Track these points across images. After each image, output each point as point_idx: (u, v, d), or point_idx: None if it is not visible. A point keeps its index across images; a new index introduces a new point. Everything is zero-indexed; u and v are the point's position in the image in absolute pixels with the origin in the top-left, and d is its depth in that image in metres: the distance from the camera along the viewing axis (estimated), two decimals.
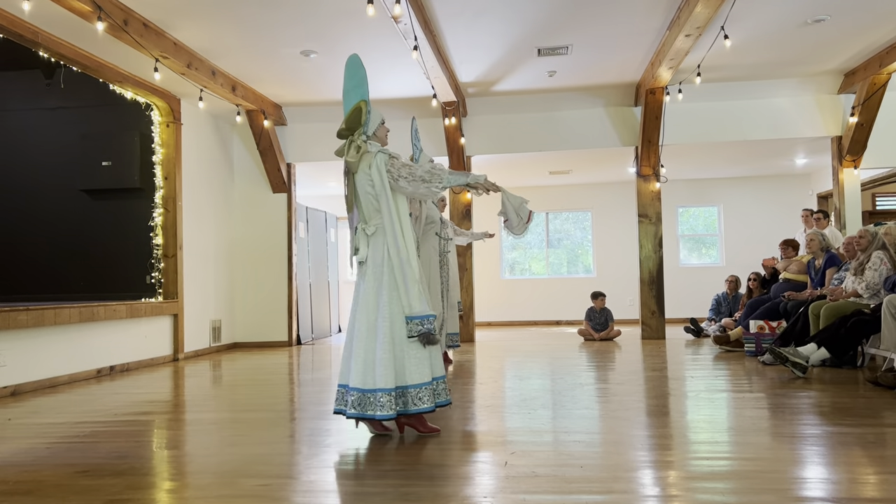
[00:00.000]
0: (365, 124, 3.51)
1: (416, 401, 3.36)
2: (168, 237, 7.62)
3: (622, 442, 3.31)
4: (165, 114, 7.67)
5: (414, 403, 3.36)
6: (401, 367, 3.37)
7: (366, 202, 3.47)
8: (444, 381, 3.52)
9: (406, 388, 3.37)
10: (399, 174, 3.42)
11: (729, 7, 5.66)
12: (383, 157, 3.44)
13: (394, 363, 3.36)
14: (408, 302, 3.37)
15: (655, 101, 8.08)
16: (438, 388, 3.49)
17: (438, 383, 3.49)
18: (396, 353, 3.37)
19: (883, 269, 5.64)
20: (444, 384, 3.52)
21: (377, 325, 3.39)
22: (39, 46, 5.80)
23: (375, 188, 3.41)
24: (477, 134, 8.99)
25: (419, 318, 3.37)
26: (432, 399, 3.41)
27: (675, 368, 5.98)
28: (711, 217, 12.69)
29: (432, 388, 3.42)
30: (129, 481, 2.84)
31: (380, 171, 3.41)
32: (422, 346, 3.37)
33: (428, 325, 3.37)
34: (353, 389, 3.38)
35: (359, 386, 3.36)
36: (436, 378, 3.48)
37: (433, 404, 3.42)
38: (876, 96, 7.90)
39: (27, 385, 5.52)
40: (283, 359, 7.59)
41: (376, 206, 3.44)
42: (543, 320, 12.52)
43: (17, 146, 7.88)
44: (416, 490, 2.63)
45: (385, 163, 3.42)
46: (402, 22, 5.56)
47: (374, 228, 3.46)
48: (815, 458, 2.98)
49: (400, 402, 3.37)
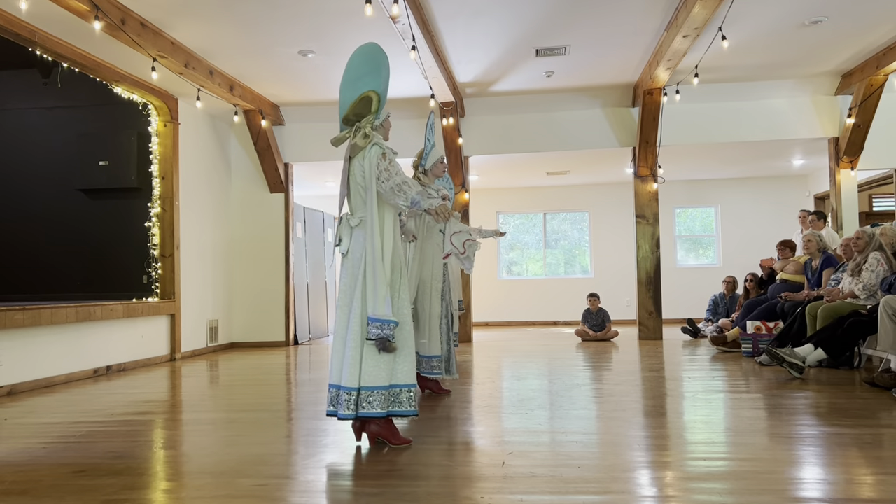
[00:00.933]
0: (377, 113, 3.43)
1: (364, 404, 3.21)
2: (165, 237, 7.60)
3: (619, 442, 3.31)
4: (163, 113, 7.66)
5: (363, 406, 3.21)
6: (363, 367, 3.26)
7: (354, 192, 3.38)
8: (411, 391, 3.30)
9: (360, 389, 3.23)
10: (380, 174, 3.31)
11: (727, 8, 5.67)
12: (378, 150, 3.37)
13: (360, 363, 3.25)
14: (373, 302, 3.22)
15: (653, 101, 8.09)
16: (399, 396, 3.29)
17: (401, 391, 3.29)
18: (364, 353, 3.26)
19: (880, 270, 5.65)
20: (411, 393, 3.30)
21: (349, 322, 3.31)
22: (36, 45, 5.79)
23: (366, 180, 3.33)
24: (475, 134, 8.99)
25: (380, 321, 3.20)
26: (385, 406, 3.24)
27: (672, 369, 5.98)
28: (708, 218, 12.71)
29: (386, 394, 3.25)
30: (126, 481, 2.84)
31: (371, 163, 3.33)
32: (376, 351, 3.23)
33: (387, 330, 3.19)
34: (331, 387, 3.37)
35: (334, 383, 3.33)
36: (396, 385, 3.29)
37: (385, 411, 3.24)
38: (873, 98, 7.92)
39: (23, 385, 5.50)
40: (280, 359, 7.58)
41: (364, 197, 3.35)
42: (541, 321, 12.52)
43: (15, 145, 7.87)
44: (413, 490, 2.63)
45: (376, 156, 3.36)
46: (400, 22, 5.56)
47: (358, 220, 3.35)
48: (811, 458, 2.98)
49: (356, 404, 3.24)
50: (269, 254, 9.15)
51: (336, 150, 9.18)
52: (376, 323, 3.20)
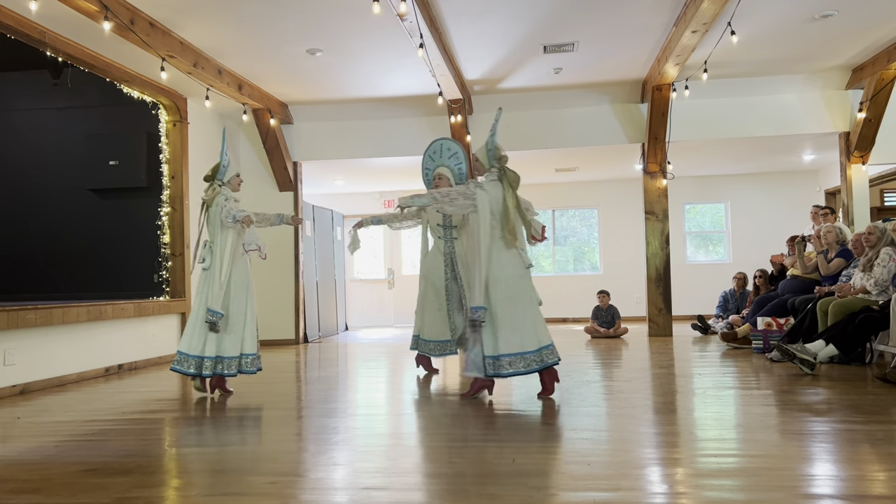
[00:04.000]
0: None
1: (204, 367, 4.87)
2: (175, 236, 7.63)
3: (629, 439, 3.30)
4: (172, 113, 7.69)
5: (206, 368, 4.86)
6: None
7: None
8: (246, 357, 4.95)
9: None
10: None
11: (736, 3, 5.63)
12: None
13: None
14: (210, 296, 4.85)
15: (662, 97, 8.06)
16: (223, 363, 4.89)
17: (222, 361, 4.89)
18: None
19: (892, 266, 5.61)
20: (252, 357, 4.96)
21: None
22: (46, 46, 5.82)
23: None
24: (483, 131, 8.94)
25: (210, 311, 4.83)
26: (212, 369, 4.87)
27: (683, 366, 5.96)
28: (718, 214, 12.65)
29: (214, 361, 4.86)
30: (137, 479, 2.85)
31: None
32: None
33: (212, 317, 4.80)
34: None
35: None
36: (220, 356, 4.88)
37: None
38: (884, 92, 7.85)
39: (36, 384, 5.55)
40: (290, 357, 7.61)
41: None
42: (550, 318, 12.45)
43: (25, 146, 7.92)
44: (421, 487, 2.63)
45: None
46: (407, 20, 5.55)
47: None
48: (823, 455, 2.97)
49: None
50: (279, 252, 9.17)
51: (345, 149, 9.21)
52: (209, 312, 4.85)
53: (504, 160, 4.59)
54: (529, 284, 4.50)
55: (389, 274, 12.79)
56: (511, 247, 4.42)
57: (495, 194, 4.44)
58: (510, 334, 4.33)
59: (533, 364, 4.33)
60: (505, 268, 4.39)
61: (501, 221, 4.42)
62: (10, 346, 5.32)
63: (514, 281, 4.40)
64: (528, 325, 4.37)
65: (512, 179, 4.51)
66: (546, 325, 4.48)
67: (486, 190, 4.45)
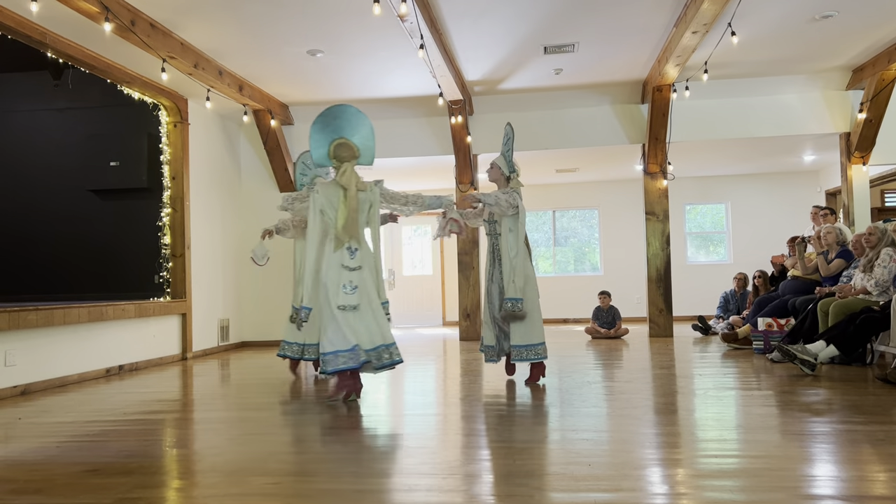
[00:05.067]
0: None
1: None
2: (176, 237, 7.64)
3: (630, 440, 3.31)
4: (173, 114, 7.70)
5: None
6: None
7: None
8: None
9: None
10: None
11: (736, 3, 5.63)
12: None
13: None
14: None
15: (662, 98, 8.06)
16: None
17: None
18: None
19: (892, 266, 5.61)
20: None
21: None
22: (47, 47, 5.83)
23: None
24: (483, 132, 8.98)
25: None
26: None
27: (683, 366, 5.96)
28: (719, 214, 12.65)
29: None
30: (139, 480, 2.86)
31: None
32: None
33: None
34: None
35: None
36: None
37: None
38: (884, 92, 7.85)
39: (37, 384, 5.55)
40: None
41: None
42: (551, 318, 12.47)
43: (26, 147, 7.92)
44: (423, 487, 2.64)
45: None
46: (408, 21, 5.56)
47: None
48: (824, 455, 2.97)
49: None
50: (280, 253, 9.16)
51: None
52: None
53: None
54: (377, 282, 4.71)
55: (390, 275, 12.79)
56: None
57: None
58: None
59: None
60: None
61: None
62: (11, 346, 5.32)
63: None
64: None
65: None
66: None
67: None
